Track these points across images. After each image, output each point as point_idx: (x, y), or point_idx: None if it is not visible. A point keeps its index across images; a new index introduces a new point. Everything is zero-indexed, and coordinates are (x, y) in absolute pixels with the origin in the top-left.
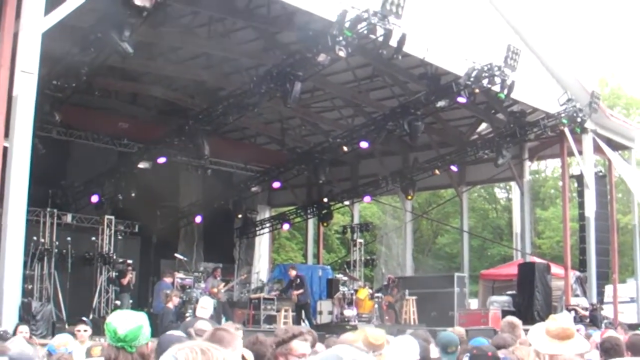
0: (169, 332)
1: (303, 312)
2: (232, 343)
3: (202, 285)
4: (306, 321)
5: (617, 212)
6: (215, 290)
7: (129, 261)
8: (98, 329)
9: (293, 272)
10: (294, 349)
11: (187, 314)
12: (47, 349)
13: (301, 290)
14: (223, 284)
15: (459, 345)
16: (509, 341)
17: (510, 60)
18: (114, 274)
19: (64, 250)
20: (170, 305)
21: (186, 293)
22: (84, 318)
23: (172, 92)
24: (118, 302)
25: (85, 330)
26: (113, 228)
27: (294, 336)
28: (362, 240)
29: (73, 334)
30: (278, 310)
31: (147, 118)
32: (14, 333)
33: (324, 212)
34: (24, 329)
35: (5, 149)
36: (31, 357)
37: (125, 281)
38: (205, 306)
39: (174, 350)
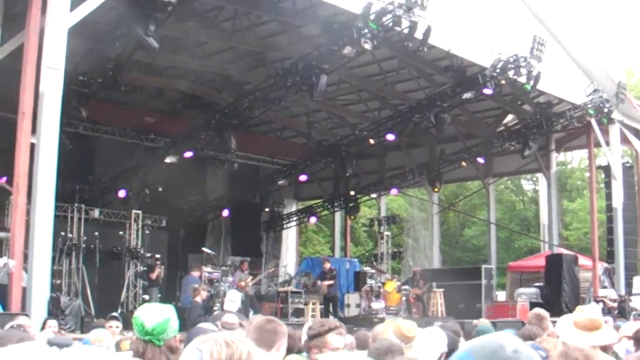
0: (199, 325)
1: (331, 305)
2: (283, 335)
3: (230, 278)
4: (333, 314)
5: None
6: (242, 283)
7: (157, 255)
8: (126, 324)
9: (328, 265)
10: (329, 342)
11: (215, 308)
12: (82, 343)
13: (332, 282)
14: (250, 277)
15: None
16: (537, 333)
17: (536, 51)
18: (142, 268)
19: (92, 245)
20: (198, 299)
21: (214, 287)
22: (115, 314)
23: (198, 86)
24: (146, 297)
25: (117, 327)
26: (140, 222)
27: (330, 329)
28: (389, 233)
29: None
30: (306, 304)
31: (173, 112)
32: (43, 327)
33: (350, 205)
34: (53, 323)
35: (32, 145)
36: (69, 340)
37: (154, 275)
38: (233, 299)
39: (198, 342)
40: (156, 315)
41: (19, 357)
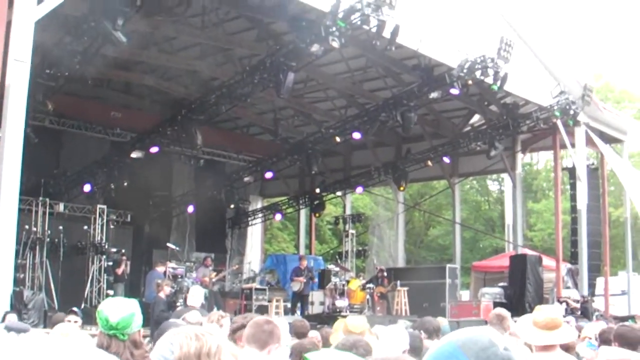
0: (171, 320)
1: (299, 303)
2: (277, 339)
3: (194, 274)
4: (298, 311)
5: (609, 205)
6: (206, 279)
7: (123, 251)
8: (90, 319)
9: (305, 263)
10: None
11: (178, 304)
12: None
13: (306, 280)
14: (214, 273)
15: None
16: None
17: (503, 52)
18: (107, 263)
19: (56, 240)
20: (162, 294)
21: (177, 282)
22: (75, 309)
23: (166, 81)
24: (111, 292)
25: (75, 321)
26: (105, 217)
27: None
28: (354, 231)
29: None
30: (269, 301)
31: (140, 107)
32: (2, 320)
33: (316, 202)
34: (12, 317)
35: None
36: (26, 326)
37: (119, 271)
38: (196, 295)
39: (170, 335)
40: (120, 309)
41: None
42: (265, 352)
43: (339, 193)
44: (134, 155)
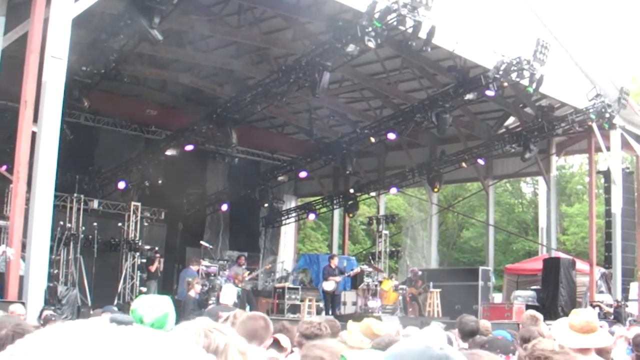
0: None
1: (331, 302)
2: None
3: (227, 273)
4: (330, 311)
5: None
6: (239, 278)
7: (157, 248)
8: None
9: (335, 261)
10: None
11: (211, 302)
12: None
13: (339, 279)
14: (247, 272)
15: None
16: (536, 334)
17: (539, 54)
18: (141, 260)
19: (90, 236)
20: (192, 292)
21: (210, 280)
22: (114, 307)
23: (201, 80)
24: (144, 289)
25: None
26: (139, 215)
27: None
28: (387, 232)
29: None
30: (302, 300)
31: (175, 105)
32: (40, 316)
33: (350, 202)
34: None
35: (34, 134)
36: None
37: (153, 268)
38: (228, 293)
39: (180, 329)
40: (155, 310)
41: (89, 332)
42: (263, 347)
43: (372, 193)
44: (168, 152)
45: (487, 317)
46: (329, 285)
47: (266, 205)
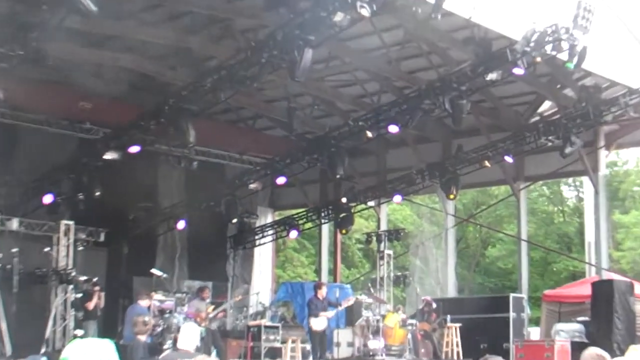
0: None
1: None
2: None
3: (186, 309)
4: (319, 354)
5: None
6: (202, 315)
7: (95, 279)
8: None
9: (323, 291)
10: None
11: (166, 346)
12: None
13: (332, 314)
14: (213, 307)
15: None
16: None
17: (581, 19)
18: (75, 295)
19: (9, 266)
20: (141, 336)
21: (165, 319)
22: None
23: (147, 62)
24: (80, 332)
25: None
26: (72, 237)
27: None
28: (391, 252)
29: None
30: (283, 342)
31: (116, 96)
32: None
33: (342, 215)
34: None
35: None
36: None
37: (91, 305)
38: (189, 335)
39: None
40: (91, 357)
41: None
42: None
43: (371, 203)
44: (108, 156)
45: (521, 358)
46: (318, 323)
47: (235, 221)
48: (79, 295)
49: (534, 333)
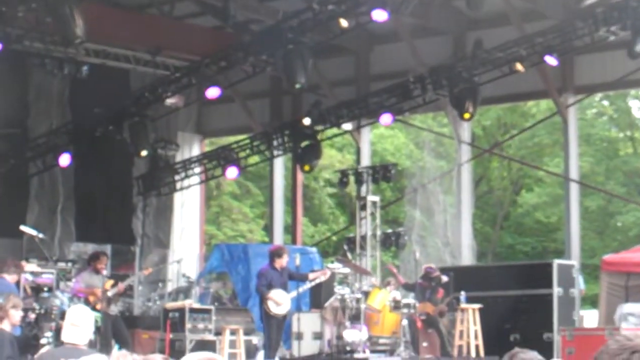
0: None
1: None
2: None
3: (73, 284)
4: (271, 351)
5: None
6: (97, 293)
7: None
8: None
9: (284, 259)
10: None
11: (44, 340)
12: None
13: (296, 292)
14: (112, 282)
15: None
16: None
17: None
18: None
19: None
20: (7, 325)
21: (42, 300)
22: None
23: None
24: None
25: None
26: None
27: None
28: (377, 199)
29: None
30: (218, 333)
31: None
32: None
33: (304, 144)
34: None
35: None
36: None
37: None
38: (79, 323)
39: None
40: None
41: None
42: None
43: (347, 126)
44: None
45: (571, 355)
46: (278, 306)
47: (144, 153)
48: None
49: (590, 317)
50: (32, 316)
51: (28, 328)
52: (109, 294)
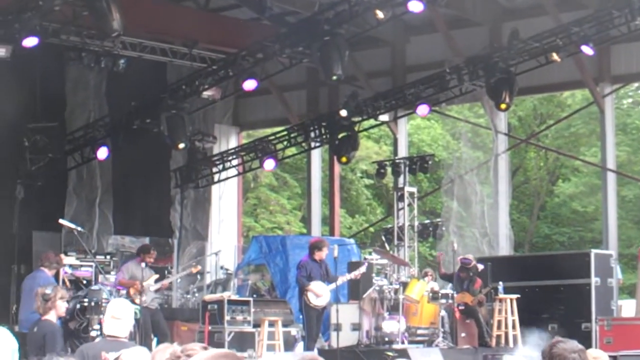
0: None
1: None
2: None
3: (114, 277)
4: (311, 341)
5: None
6: (137, 286)
7: None
8: None
9: (324, 251)
10: None
11: (94, 332)
12: None
13: (335, 284)
14: (155, 276)
15: None
16: None
17: None
18: None
19: None
20: (54, 316)
21: (91, 293)
22: None
23: None
24: None
25: None
26: None
27: None
28: (414, 190)
29: None
30: (257, 325)
31: None
32: None
33: (340, 136)
34: None
35: None
36: None
37: None
38: (120, 316)
39: None
40: None
41: None
42: None
43: (384, 117)
44: None
45: (609, 344)
46: (318, 298)
47: (182, 146)
48: None
49: (628, 307)
50: (77, 308)
51: (74, 321)
52: (152, 288)
